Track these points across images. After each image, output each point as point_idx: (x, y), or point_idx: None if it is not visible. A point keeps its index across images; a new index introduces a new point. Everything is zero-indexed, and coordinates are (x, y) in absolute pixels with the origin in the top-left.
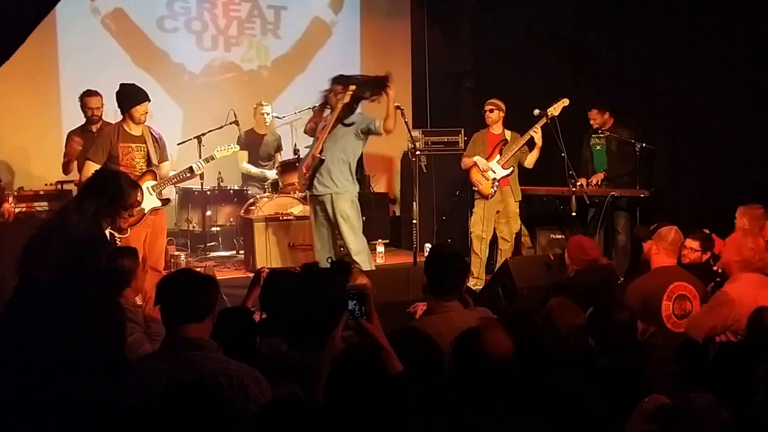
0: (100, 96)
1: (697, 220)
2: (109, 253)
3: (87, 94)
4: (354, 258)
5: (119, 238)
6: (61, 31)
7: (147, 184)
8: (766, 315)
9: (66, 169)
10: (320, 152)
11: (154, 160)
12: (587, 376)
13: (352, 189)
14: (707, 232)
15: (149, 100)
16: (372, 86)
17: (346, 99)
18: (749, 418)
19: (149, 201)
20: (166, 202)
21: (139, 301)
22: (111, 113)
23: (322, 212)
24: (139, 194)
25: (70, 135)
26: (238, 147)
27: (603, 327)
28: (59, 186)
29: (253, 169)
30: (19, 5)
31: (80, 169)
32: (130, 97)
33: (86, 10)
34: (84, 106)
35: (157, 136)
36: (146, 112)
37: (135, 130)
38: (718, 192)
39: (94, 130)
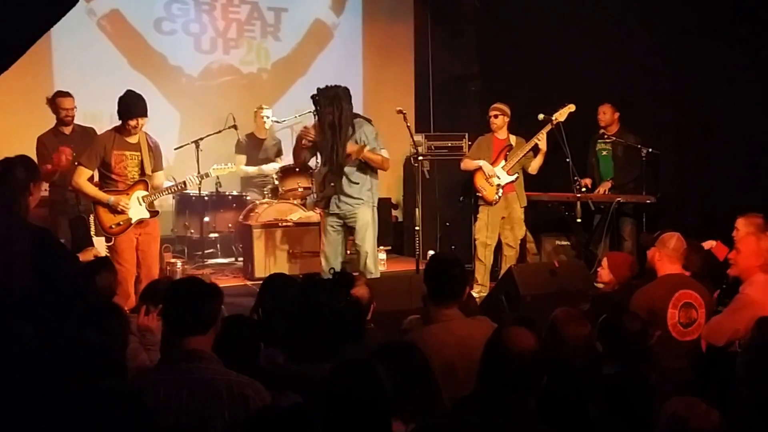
0: (72, 97)
1: (704, 226)
2: (85, 270)
3: (59, 95)
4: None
5: (107, 246)
6: (55, 33)
7: (137, 194)
8: None
9: (49, 177)
10: None
11: (148, 170)
12: (593, 384)
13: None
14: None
15: (145, 116)
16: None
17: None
18: (730, 418)
19: (137, 211)
20: (154, 213)
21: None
22: (106, 117)
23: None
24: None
25: (42, 140)
26: (234, 167)
27: (614, 335)
28: (45, 191)
29: (251, 169)
30: (21, 18)
31: (72, 175)
32: (128, 108)
33: (81, 12)
34: (58, 107)
35: (153, 145)
36: (137, 126)
37: (131, 138)
38: (725, 198)
39: (67, 132)
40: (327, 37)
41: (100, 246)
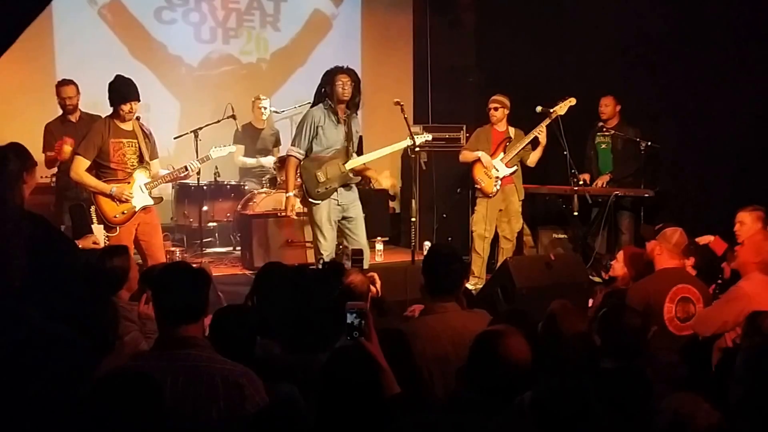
0: (75, 85)
1: (702, 221)
2: (102, 252)
3: (60, 84)
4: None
5: (108, 236)
6: (57, 22)
7: (140, 181)
8: (762, 319)
9: (51, 165)
10: None
11: (146, 157)
12: (590, 379)
13: None
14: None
15: (138, 100)
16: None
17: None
18: (728, 417)
19: (141, 198)
20: (158, 200)
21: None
22: (106, 105)
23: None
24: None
25: (49, 128)
26: (234, 148)
27: (613, 330)
28: (52, 179)
29: (249, 161)
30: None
31: (69, 166)
32: (118, 93)
33: (83, 1)
34: (57, 96)
35: (147, 133)
36: (131, 111)
37: (126, 125)
38: (724, 193)
39: (73, 120)
40: (326, 27)
41: (99, 234)
